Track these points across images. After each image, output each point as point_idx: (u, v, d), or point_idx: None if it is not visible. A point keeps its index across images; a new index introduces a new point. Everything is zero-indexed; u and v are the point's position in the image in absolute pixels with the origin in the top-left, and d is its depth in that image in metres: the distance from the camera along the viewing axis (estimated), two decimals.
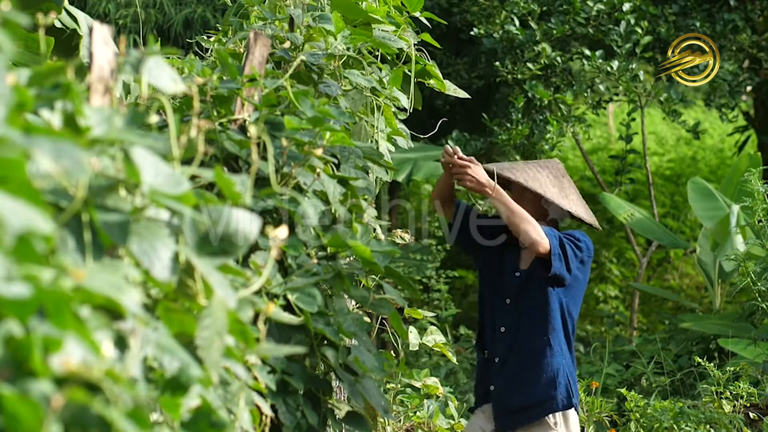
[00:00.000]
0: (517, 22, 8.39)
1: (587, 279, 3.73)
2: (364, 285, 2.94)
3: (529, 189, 3.70)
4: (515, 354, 3.68)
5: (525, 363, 3.66)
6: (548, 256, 3.51)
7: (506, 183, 3.80)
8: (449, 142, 8.94)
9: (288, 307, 2.36)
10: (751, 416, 5.12)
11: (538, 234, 3.50)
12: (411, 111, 3.83)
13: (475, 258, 3.88)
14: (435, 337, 4.57)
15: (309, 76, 3.14)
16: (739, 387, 5.04)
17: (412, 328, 4.82)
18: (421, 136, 4.14)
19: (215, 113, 2.56)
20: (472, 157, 3.59)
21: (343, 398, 3.47)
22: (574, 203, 3.73)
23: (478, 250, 3.79)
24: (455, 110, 9.86)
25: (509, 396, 3.67)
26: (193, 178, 1.84)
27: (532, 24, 8.38)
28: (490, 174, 3.66)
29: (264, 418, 2.24)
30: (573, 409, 3.66)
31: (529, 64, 8.32)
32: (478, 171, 3.53)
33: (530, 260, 3.69)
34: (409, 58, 3.70)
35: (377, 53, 3.64)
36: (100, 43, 1.78)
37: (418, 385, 4.98)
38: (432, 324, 4.97)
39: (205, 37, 3.80)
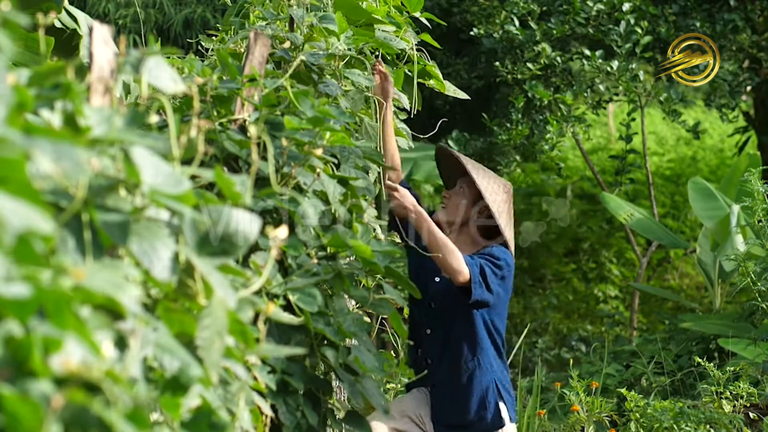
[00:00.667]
0: (517, 22, 8.39)
1: (510, 293, 3.71)
2: (364, 285, 2.95)
3: (485, 205, 3.69)
4: (445, 367, 3.67)
5: (456, 383, 3.66)
6: (468, 284, 3.49)
7: (456, 174, 3.79)
8: (449, 142, 8.95)
9: (288, 307, 2.36)
10: (751, 416, 5.12)
11: (458, 264, 3.45)
12: (414, 112, 3.83)
13: (405, 253, 3.84)
14: None
15: (309, 76, 3.14)
16: (739, 387, 5.03)
17: None
18: (421, 136, 4.14)
19: (215, 113, 2.56)
20: (397, 186, 3.55)
21: (343, 398, 3.47)
22: (510, 234, 3.74)
23: (406, 247, 3.75)
24: (455, 110, 9.86)
25: (442, 410, 3.68)
26: (193, 178, 1.84)
27: (532, 24, 8.38)
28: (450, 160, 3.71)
29: (264, 418, 2.24)
30: (506, 425, 3.69)
31: (529, 64, 8.32)
32: (404, 195, 3.51)
33: None
34: (410, 59, 3.70)
35: (378, 54, 3.64)
36: (100, 43, 1.78)
37: None
38: None
39: (205, 38, 3.80)
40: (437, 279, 3.69)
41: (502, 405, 3.68)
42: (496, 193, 3.69)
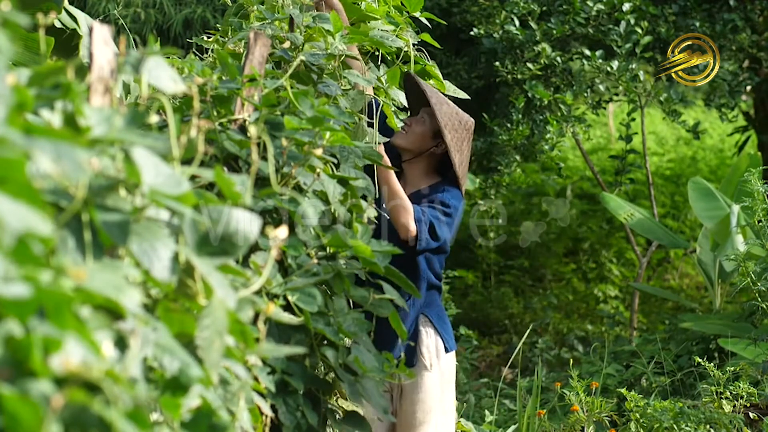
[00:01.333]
0: (517, 22, 8.39)
1: (454, 231, 3.70)
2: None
3: (443, 139, 3.68)
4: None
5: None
6: (414, 240, 3.51)
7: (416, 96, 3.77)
8: None
9: (288, 307, 2.36)
10: (751, 416, 5.12)
11: (407, 221, 3.47)
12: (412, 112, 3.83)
13: None
14: None
15: (309, 76, 3.14)
16: (739, 387, 5.03)
17: None
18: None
19: (215, 113, 2.56)
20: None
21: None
22: (464, 171, 3.72)
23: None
24: None
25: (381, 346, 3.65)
26: (193, 178, 1.84)
27: (532, 24, 8.38)
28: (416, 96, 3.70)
29: (264, 418, 2.24)
30: (442, 357, 3.66)
31: (529, 64, 8.32)
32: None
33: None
34: (408, 58, 3.70)
35: (377, 53, 3.64)
36: (100, 43, 1.78)
37: None
38: None
39: (205, 38, 3.80)
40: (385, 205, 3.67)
41: (438, 339, 3.63)
42: (455, 129, 3.67)
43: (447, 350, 3.66)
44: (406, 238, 3.50)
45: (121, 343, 1.43)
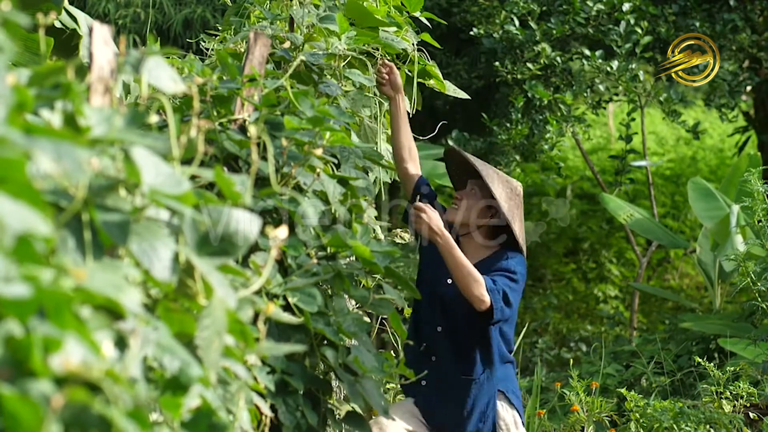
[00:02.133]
0: (516, 22, 8.39)
1: (520, 298, 3.74)
2: (364, 285, 2.95)
3: (497, 209, 3.68)
4: (453, 369, 3.65)
5: (462, 389, 3.65)
6: (490, 310, 3.50)
7: (463, 173, 3.78)
8: (449, 142, 8.94)
9: (288, 307, 2.36)
10: (751, 416, 5.12)
11: (480, 293, 3.45)
12: (413, 112, 3.83)
13: (423, 257, 3.80)
14: None
15: (309, 76, 3.14)
16: (739, 387, 5.03)
17: None
18: (421, 138, 4.14)
19: (215, 113, 2.56)
20: (428, 205, 3.51)
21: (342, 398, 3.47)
22: (523, 237, 3.73)
23: (429, 252, 3.71)
24: (455, 110, 9.86)
25: (443, 412, 3.66)
26: (193, 178, 1.84)
27: (532, 24, 8.38)
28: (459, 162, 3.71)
29: (264, 418, 2.24)
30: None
31: (529, 64, 8.32)
32: (432, 217, 3.47)
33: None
34: (410, 59, 3.70)
35: (377, 52, 3.64)
36: (100, 43, 1.78)
37: None
38: None
39: (205, 39, 3.80)
40: (449, 281, 3.68)
41: (514, 413, 3.70)
42: (510, 198, 3.67)
43: (522, 423, 3.73)
44: (481, 309, 3.49)
45: (121, 343, 1.43)
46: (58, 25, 3.65)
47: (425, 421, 3.69)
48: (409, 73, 3.77)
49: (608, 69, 8.21)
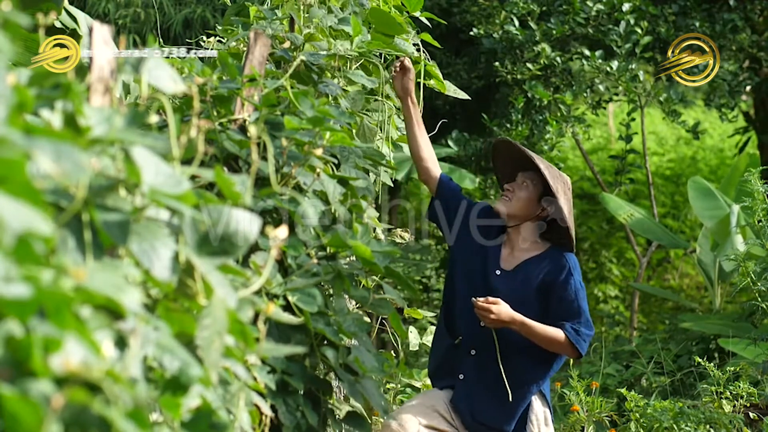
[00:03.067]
0: (516, 23, 8.39)
1: None
2: (364, 285, 2.94)
3: (549, 204, 3.72)
4: (493, 367, 3.64)
5: (502, 387, 3.64)
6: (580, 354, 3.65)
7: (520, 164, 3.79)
8: (449, 142, 8.95)
9: (288, 307, 2.36)
10: (751, 416, 5.12)
11: (571, 352, 3.60)
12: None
13: (458, 251, 3.80)
14: None
15: (309, 76, 3.14)
16: (739, 387, 5.03)
17: (412, 328, 4.82)
18: None
19: (215, 113, 2.56)
20: (496, 300, 3.54)
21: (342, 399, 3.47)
22: (573, 227, 3.76)
23: (468, 246, 3.75)
24: (455, 110, 9.87)
25: (483, 410, 3.65)
26: (193, 178, 1.84)
27: (532, 24, 8.38)
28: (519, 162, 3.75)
29: (264, 418, 2.24)
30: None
31: (529, 64, 8.32)
32: (501, 312, 3.53)
33: (514, 262, 3.70)
34: (412, 59, 3.70)
35: (380, 54, 3.64)
36: (100, 43, 1.79)
37: (418, 384, 4.98)
38: (432, 324, 4.98)
39: (204, 39, 3.80)
40: (498, 272, 3.69)
41: (546, 410, 3.74)
42: (564, 192, 3.70)
43: (552, 421, 3.77)
44: (576, 359, 3.71)
45: (121, 343, 1.42)
46: (58, 25, 3.65)
47: (456, 415, 3.68)
48: None
49: (608, 69, 8.21)
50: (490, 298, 3.52)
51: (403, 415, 3.55)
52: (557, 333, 3.56)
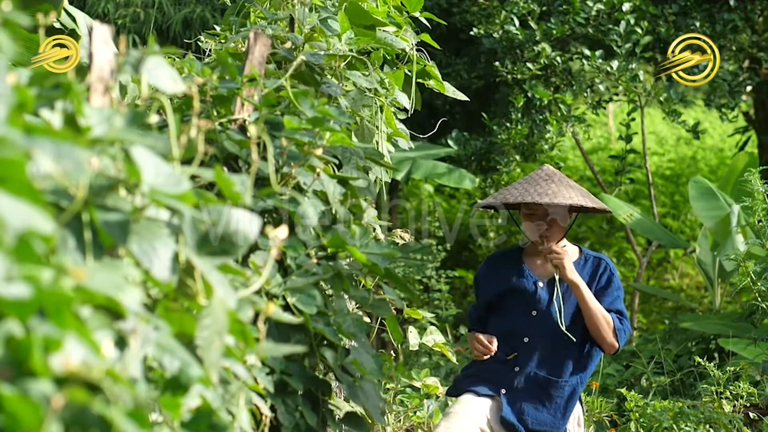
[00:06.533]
0: (516, 22, 8.39)
1: None
2: (363, 285, 2.94)
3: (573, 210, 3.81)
4: (541, 379, 3.70)
5: (553, 393, 3.71)
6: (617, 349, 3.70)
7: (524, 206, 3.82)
8: (449, 142, 8.94)
9: (288, 307, 2.36)
10: (751, 416, 5.12)
11: (611, 339, 3.65)
12: (412, 112, 3.83)
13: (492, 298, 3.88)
14: (435, 337, 4.57)
15: (311, 76, 3.14)
16: (739, 387, 5.03)
17: (411, 328, 4.82)
18: (421, 136, 4.14)
19: (215, 113, 2.56)
20: (560, 246, 3.69)
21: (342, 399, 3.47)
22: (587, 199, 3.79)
23: (496, 289, 3.85)
24: (455, 110, 9.87)
25: (536, 418, 3.70)
26: (193, 178, 1.84)
27: (532, 24, 8.38)
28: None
29: (263, 418, 2.24)
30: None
31: (529, 64, 8.32)
32: (568, 262, 3.66)
33: (549, 272, 3.76)
34: (409, 59, 3.70)
35: (380, 54, 3.64)
36: (100, 43, 1.79)
37: (418, 385, 4.98)
38: (432, 324, 4.98)
39: (203, 39, 3.80)
40: (541, 284, 3.75)
41: (580, 411, 3.84)
42: (581, 193, 3.76)
43: (584, 422, 3.86)
44: (609, 353, 3.71)
45: (121, 343, 1.42)
46: (57, 25, 3.65)
47: (502, 427, 3.70)
48: (408, 73, 3.77)
49: (608, 69, 8.21)
50: (562, 248, 3.67)
51: (454, 423, 3.62)
52: (607, 314, 3.65)
